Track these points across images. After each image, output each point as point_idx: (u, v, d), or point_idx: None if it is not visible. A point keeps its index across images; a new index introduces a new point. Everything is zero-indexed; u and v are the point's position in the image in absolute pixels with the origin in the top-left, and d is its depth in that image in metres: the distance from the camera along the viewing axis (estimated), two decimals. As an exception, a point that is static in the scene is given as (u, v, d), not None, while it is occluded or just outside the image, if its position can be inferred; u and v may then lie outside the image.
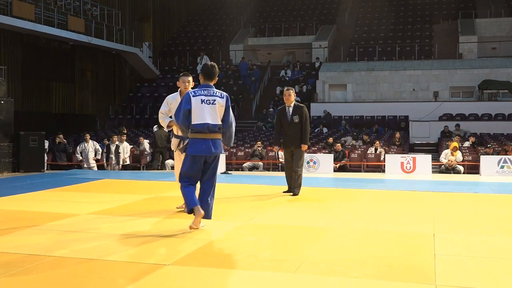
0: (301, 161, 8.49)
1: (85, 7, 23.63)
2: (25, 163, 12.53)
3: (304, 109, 8.53)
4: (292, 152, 8.47)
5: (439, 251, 4.75)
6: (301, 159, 8.47)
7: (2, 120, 12.29)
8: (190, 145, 5.47)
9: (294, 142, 8.41)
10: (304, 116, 8.44)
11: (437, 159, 15.34)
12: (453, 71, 23.87)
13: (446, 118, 21.62)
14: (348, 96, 24.34)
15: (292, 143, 8.45)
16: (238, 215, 6.64)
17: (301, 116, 8.43)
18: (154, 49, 28.72)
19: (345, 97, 24.47)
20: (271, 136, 20.15)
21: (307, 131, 8.46)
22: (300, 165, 8.44)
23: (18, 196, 8.40)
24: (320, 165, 14.14)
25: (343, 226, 6.05)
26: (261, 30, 30.49)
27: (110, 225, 5.99)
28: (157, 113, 7.03)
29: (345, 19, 30.91)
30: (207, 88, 5.54)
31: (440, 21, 28.79)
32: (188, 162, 5.48)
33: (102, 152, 15.76)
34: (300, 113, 8.44)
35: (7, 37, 21.11)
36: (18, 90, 21.49)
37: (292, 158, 8.46)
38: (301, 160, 8.47)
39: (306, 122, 8.45)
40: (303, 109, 8.50)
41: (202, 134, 5.42)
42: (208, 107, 5.44)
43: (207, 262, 4.38)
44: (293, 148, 8.43)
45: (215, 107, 5.49)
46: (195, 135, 5.44)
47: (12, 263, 4.34)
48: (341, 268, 4.19)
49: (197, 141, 5.42)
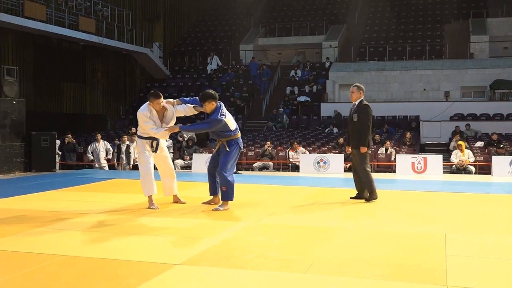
0: (364, 164, 7.80)
1: (96, 8, 23.74)
2: (37, 163, 12.61)
3: (365, 108, 7.83)
4: (355, 153, 7.89)
5: (450, 251, 4.73)
6: (362, 162, 7.81)
7: (14, 120, 12.38)
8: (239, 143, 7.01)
9: (353, 142, 7.85)
10: (363, 115, 7.78)
11: (448, 159, 15.26)
12: (464, 71, 23.72)
13: (457, 118, 21.50)
14: (358, 96, 24.27)
15: (350, 142, 7.93)
16: (247, 215, 6.64)
17: (359, 115, 7.81)
18: (165, 49, 28.79)
19: (356, 97, 24.39)
20: (281, 136, 20.16)
21: (364, 132, 7.76)
22: (363, 168, 7.80)
23: (30, 195, 8.46)
24: (330, 165, 14.12)
25: (354, 226, 6.04)
26: (271, 30, 30.47)
27: (120, 224, 6.02)
28: None
29: (355, 19, 30.82)
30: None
31: (451, 21, 28.61)
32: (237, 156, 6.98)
33: (113, 152, 15.83)
34: (359, 112, 7.82)
35: (19, 37, 21.26)
36: (30, 91, 21.64)
37: (356, 160, 7.90)
38: (363, 163, 7.80)
39: (364, 122, 7.76)
40: (363, 108, 7.83)
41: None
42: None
43: (217, 262, 4.39)
44: (353, 148, 7.88)
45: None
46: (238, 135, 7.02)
47: (25, 262, 4.37)
48: (352, 268, 4.18)
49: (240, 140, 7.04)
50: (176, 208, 7.02)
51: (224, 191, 6.88)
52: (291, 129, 21.69)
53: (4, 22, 18.93)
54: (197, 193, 8.48)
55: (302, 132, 21.02)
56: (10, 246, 4.96)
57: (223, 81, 26.18)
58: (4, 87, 12.21)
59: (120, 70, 27.34)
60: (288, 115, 23.11)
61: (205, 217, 6.56)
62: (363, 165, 7.79)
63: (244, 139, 19.87)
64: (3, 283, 3.85)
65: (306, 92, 24.60)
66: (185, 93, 25.52)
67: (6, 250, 4.80)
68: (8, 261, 4.45)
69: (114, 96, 26.90)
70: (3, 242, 5.12)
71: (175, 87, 26.36)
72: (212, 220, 6.35)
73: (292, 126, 22.49)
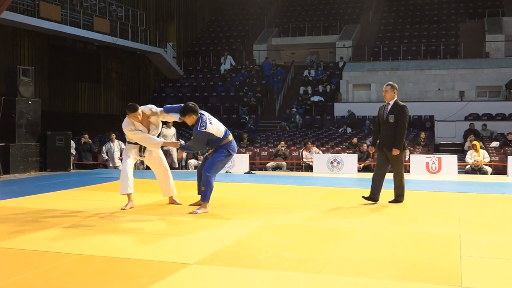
0: (398, 166, 7.69)
1: (110, 8, 23.87)
2: (52, 162, 12.70)
3: (402, 108, 7.62)
4: (386, 154, 7.71)
5: (465, 252, 4.69)
6: (396, 164, 7.67)
7: (30, 120, 12.48)
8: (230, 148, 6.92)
9: (387, 144, 7.62)
10: (401, 116, 7.57)
11: (463, 159, 15.13)
12: (480, 70, 23.51)
13: (472, 118, 21.30)
14: (372, 96, 24.15)
15: (384, 144, 7.69)
16: (261, 215, 6.64)
17: (397, 116, 7.57)
18: (178, 50, 28.87)
19: (369, 97, 24.29)
20: (295, 136, 20.12)
21: (399, 134, 7.55)
22: (398, 170, 7.70)
23: (45, 194, 8.53)
24: (344, 165, 14.07)
25: (367, 226, 6.01)
26: (284, 30, 30.43)
27: (134, 224, 6.05)
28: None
29: (369, 18, 30.68)
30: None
31: (466, 20, 28.38)
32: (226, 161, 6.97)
33: (127, 151, 15.88)
34: (396, 113, 7.58)
35: (34, 38, 21.44)
36: (45, 91, 21.81)
37: (384, 161, 7.74)
38: (397, 165, 7.68)
39: (402, 123, 7.56)
40: (400, 109, 7.62)
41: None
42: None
43: (230, 262, 4.39)
44: (386, 150, 7.66)
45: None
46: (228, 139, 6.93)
47: (41, 261, 4.41)
48: (365, 269, 4.16)
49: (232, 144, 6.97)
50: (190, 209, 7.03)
51: (203, 191, 6.80)
52: (305, 129, 21.65)
53: (20, 23, 19.10)
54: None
55: (316, 132, 20.98)
56: (25, 245, 5.00)
57: (237, 81, 26.20)
58: (20, 87, 12.31)
59: (134, 70, 27.47)
60: (301, 115, 23.07)
61: (219, 217, 6.57)
62: (399, 168, 7.69)
63: (257, 139, 19.89)
64: (18, 281, 3.88)
65: (320, 92, 24.54)
66: (198, 93, 25.62)
67: (21, 248, 4.85)
68: (23, 259, 4.49)
69: (128, 96, 26.98)
70: (18, 240, 5.17)
71: (188, 87, 26.43)
72: (225, 220, 6.36)
73: (306, 126, 22.44)
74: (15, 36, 20.68)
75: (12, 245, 4.96)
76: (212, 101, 24.77)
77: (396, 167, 7.70)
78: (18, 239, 5.23)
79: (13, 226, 5.89)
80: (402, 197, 7.76)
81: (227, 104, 24.38)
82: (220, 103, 24.56)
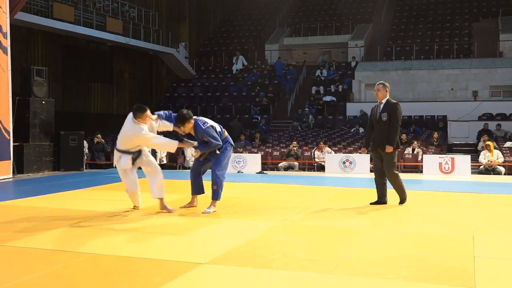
0: (391, 165, 7.44)
1: (123, 9, 23.98)
2: (65, 162, 12.79)
3: (395, 106, 7.45)
4: (380, 155, 7.53)
5: (478, 253, 4.65)
6: (390, 163, 7.44)
7: (44, 120, 12.58)
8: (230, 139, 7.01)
9: (380, 143, 7.44)
10: (394, 114, 7.40)
11: (477, 159, 15.02)
12: (494, 70, 23.31)
13: (485, 118, 21.13)
14: (384, 96, 24.06)
15: (378, 143, 7.52)
16: (273, 215, 6.64)
17: (390, 113, 7.42)
18: (190, 50, 28.93)
19: (382, 97, 24.18)
20: (307, 136, 20.09)
21: (393, 131, 7.38)
22: (390, 168, 7.44)
23: (58, 194, 8.60)
24: (356, 165, 14.02)
25: (379, 227, 5.99)
26: (296, 29, 30.38)
27: (147, 223, 6.07)
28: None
29: (382, 18, 30.54)
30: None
31: (479, 19, 28.14)
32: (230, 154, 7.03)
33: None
34: (389, 111, 7.42)
35: (48, 38, 21.59)
36: (58, 91, 21.95)
37: (381, 163, 7.53)
38: (390, 164, 7.44)
39: (395, 121, 7.38)
40: (393, 106, 7.45)
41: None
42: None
43: (242, 261, 4.40)
44: (380, 150, 7.48)
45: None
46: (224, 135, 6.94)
47: (53, 260, 4.44)
48: (377, 269, 4.15)
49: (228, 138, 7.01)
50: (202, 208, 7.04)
51: (215, 189, 6.76)
52: (317, 129, 21.61)
53: (34, 24, 19.26)
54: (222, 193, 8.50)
55: (328, 132, 20.93)
56: (38, 243, 5.04)
57: (249, 81, 26.20)
58: (34, 87, 12.42)
59: (147, 70, 27.57)
60: (313, 115, 23.03)
61: (231, 217, 6.57)
62: (391, 168, 7.43)
63: (269, 139, 19.89)
64: (31, 279, 3.92)
65: (332, 92, 24.47)
66: (210, 93, 25.66)
67: (34, 247, 4.89)
68: (37, 258, 4.53)
69: (141, 96, 27.12)
70: (32, 239, 5.21)
71: (200, 87, 26.48)
72: (237, 220, 6.36)
73: (318, 126, 22.40)
74: (29, 36, 20.84)
75: (26, 244, 5.00)
76: (224, 101, 24.80)
77: (389, 166, 7.43)
78: (31, 238, 5.27)
79: (27, 225, 5.94)
80: (404, 193, 7.54)
81: (239, 104, 24.40)
82: (232, 103, 24.58)
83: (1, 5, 10.93)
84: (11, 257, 4.61)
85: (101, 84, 24.89)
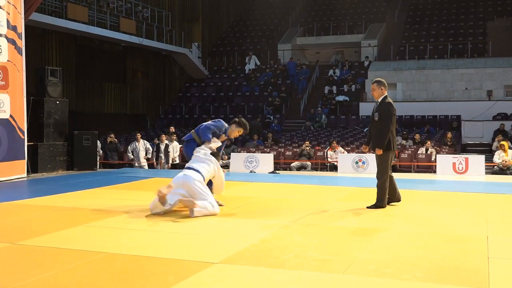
0: (381, 171, 7.11)
1: (136, 9, 24.11)
2: (79, 161, 12.87)
3: (387, 105, 7.11)
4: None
5: (493, 254, 4.62)
6: (381, 167, 7.12)
7: (58, 120, 12.67)
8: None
9: (373, 143, 7.25)
10: (384, 114, 7.09)
11: (491, 159, 14.90)
12: (509, 69, 23.09)
13: (500, 117, 20.95)
14: (398, 96, 23.91)
15: (371, 143, 7.34)
16: (285, 214, 6.63)
17: (381, 114, 7.13)
18: (203, 50, 29.01)
19: (395, 97, 24.01)
20: (319, 136, 20.05)
21: (382, 132, 7.05)
22: (381, 175, 7.11)
23: (72, 193, 8.65)
24: (369, 165, 13.94)
25: (393, 227, 5.96)
26: (309, 29, 30.33)
27: (159, 222, 6.09)
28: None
29: (395, 17, 30.40)
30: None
31: (494, 18, 27.91)
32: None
33: (152, 151, 16.05)
34: (381, 111, 7.14)
35: (62, 39, 21.77)
36: (72, 91, 22.12)
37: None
38: (381, 169, 7.12)
39: (385, 121, 7.06)
40: (385, 106, 7.12)
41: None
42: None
43: (255, 261, 4.40)
44: (373, 150, 7.26)
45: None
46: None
47: (67, 258, 4.48)
48: (391, 270, 4.13)
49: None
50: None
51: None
52: (329, 129, 21.56)
53: (48, 24, 19.43)
54: (235, 192, 8.52)
55: (341, 131, 20.88)
56: (53, 242, 5.08)
57: (261, 81, 26.21)
58: (48, 87, 12.51)
59: (160, 70, 27.70)
60: (326, 115, 22.98)
61: (243, 216, 6.58)
62: (381, 175, 7.10)
63: (282, 138, 19.89)
64: (47, 278, 3.95)
65: (345, 91, 24.41)
66: (223, 93, 25.71)
67: (49, 246, 4.93)
68: (52, 257, 4.57)
69: (154, 96, 27.27)
70: (47, 238, 5.25)
71: (213, 87, 26.54)
72: (249, 219, 6.36)
73: (331, 125, 22.35)
74: (44, 37, 21.03)
75: (41, 243, 5.04)
76: (236, 101, 24.83)
77: (379, 173, 7.15)
78: (46, 236, 5.32)
79: (41, 224, 5.99)
80: (382, 202, 7.12)
81: (251, 104, 24.41)
82: (245, 103, 24.60)
83: (16, 6, 11.02)
84: (26, 255, 4.65)
85: (114, 84, 25.04)
